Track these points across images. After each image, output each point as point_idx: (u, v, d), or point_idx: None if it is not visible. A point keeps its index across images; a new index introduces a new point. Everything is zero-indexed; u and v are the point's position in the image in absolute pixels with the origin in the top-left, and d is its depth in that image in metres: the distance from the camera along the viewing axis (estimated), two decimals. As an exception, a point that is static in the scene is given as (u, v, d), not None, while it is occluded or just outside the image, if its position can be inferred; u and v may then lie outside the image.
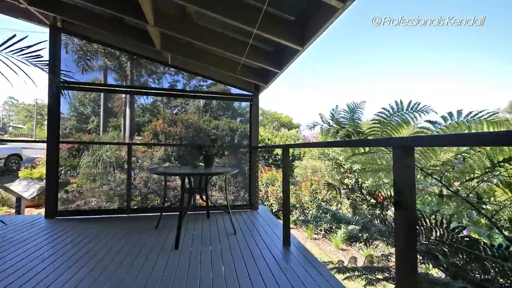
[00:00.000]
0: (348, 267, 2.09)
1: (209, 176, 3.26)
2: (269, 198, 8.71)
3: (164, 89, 4.19)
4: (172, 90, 4.22)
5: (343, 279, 1.89)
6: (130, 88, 4.23)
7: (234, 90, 4.13)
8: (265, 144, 12.23)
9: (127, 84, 4.47)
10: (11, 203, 6.71)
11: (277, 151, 11.81)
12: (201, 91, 4.59)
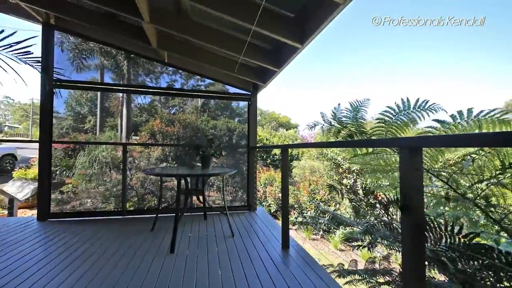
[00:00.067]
0: (348, 270, 2.04)
1: (206, 177, 3.19)
2: (267, 199, 8.66)
3: (161, 88, 4.12)
4: (169, 89, 4.15)
5: (344, 283, 1.83)
6: (126, 86, 4.15)
7: (232, 90, 4.07)
8: (263, 144, 12.18)
9: (124, 83, 4.40)
10: (4, 204, 6.60)
11: (275, 151, 11.76)
12: (199, 90, 4.53)
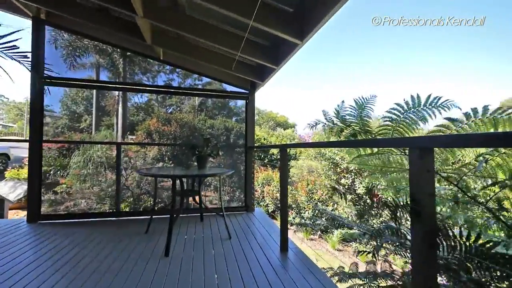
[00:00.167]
0: (349, 273, 1.97)
1: (202, 177, 3.11)
2: (265, 198, 8.60)
3: (157, 86, 4.02)
4: (165, 87, 4.06)
5: (345, 288, 1.77)
6: (122, 84, 4.04)
7: (230, 88, 3.99)
8: (261, 144, 12.12)
9: (120, 81, 4.30)
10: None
11: (273, 151, 11.70)
12: (196, 89, 4.45)
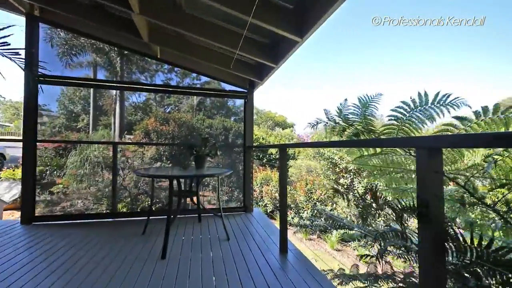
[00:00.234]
0: (349, 275, 1.94)
1: (200, 178, 3.06)
2: (264, 198, 8.55)
3: (155, 85, 3.96)
4: (163, 86, 4.00)
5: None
6: (119, 83, 3.98)
7: (228, 87, 3.94)
8: (259, 144, 12.07)
9: (117, 80, 4.25)
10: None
11: (271, 150, 11.66)
12: (194, 88, 4.41)
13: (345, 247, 6.80)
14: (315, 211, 7.55)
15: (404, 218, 0.85)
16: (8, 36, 1.72)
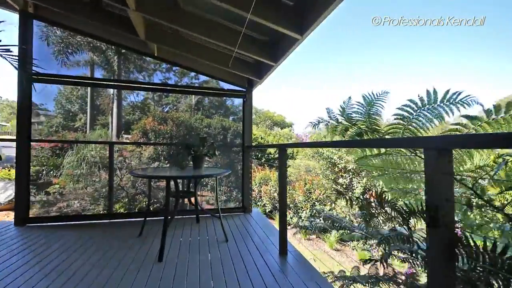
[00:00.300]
0: (349, 277, 1.90)
1: (198, 178, 3.01)
2: (263, 198, 8.51)
3: (153, 83, 3.90)
4: (162, 84, 3.94)
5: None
6: (116, 82, 3.92)
7: (227, 86, 3.88)
8: (258, 143, 12.02)
9: (114, 79, 4.19)
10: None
11: (270, 150, 11.60)
12: (192, 86, 4.35)
13: (344, 247, 6.77)
14: (314, 211, 7.52)
15: (410, 222, 0.81)
16: (-1, 32, 1.67)
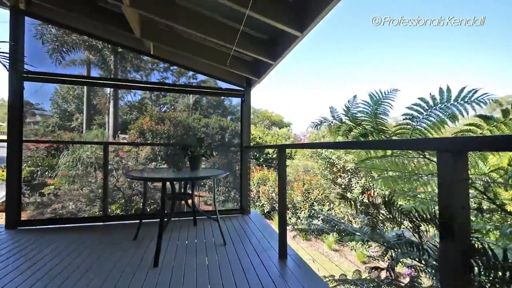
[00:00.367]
0: (351, 281, 1.85)
1: (194, 180, 2.94)
2: (261, 198, 8.45)
3: (150, 82, 3.82)
4: (159, 83, 3.86)
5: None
6: (113, 81, 3.83)
7: (225, 86, 3.81)
8: (256, 143, 11.96)
9: (111, 77, 4.11)
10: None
11: (268, 150, 11.54)
12: (190, 86, 4.29)
13: (342, 247, 6.74)
14: (312, 211, 7.48)
15: (422, 230, 0.76)
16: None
